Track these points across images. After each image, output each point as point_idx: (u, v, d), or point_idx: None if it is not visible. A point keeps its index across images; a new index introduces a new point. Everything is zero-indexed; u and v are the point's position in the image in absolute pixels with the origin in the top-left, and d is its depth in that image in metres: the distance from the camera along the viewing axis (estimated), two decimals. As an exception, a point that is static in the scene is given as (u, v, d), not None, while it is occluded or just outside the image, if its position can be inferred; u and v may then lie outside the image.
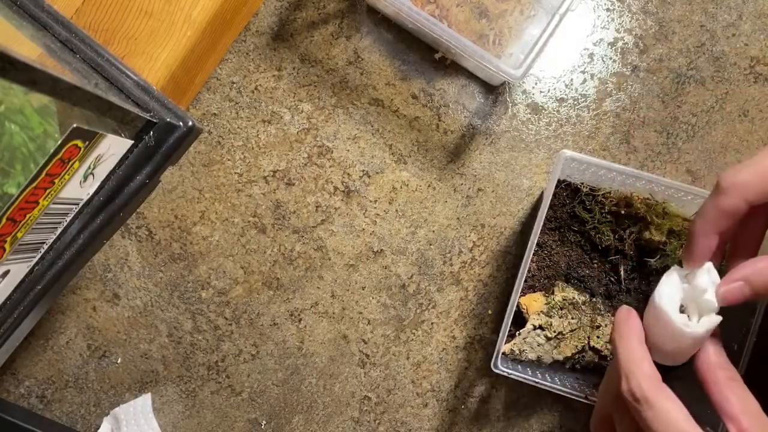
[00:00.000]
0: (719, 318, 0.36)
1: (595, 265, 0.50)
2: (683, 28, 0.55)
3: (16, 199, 0.29)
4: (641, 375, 0.34)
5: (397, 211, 0.53)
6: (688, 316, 0.37)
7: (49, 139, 0.31)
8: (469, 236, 0.53)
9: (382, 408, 0.53)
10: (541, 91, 0.54)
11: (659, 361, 0.38)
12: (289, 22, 0.54)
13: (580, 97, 0.54)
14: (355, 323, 0.53)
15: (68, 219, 0.34)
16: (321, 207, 0.53)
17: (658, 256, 0.49)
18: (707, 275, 0.37)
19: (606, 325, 0.49)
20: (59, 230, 0.34)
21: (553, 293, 0.49)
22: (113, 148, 0.33)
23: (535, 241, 0.45)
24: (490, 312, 0.53)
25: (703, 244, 0.37)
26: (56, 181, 0.31)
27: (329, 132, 0.54)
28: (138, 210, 0.53)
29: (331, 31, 0.54)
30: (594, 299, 0.49)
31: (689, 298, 0.37)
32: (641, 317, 0.38)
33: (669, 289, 0.37)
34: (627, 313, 0.38)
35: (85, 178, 0.33)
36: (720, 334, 0.37)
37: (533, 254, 0.49)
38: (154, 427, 0.52)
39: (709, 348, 0.36)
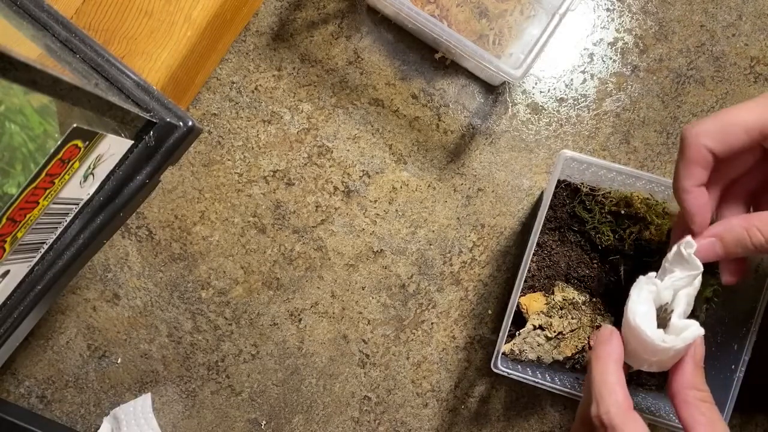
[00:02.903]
0: (701, 331, 0.36)
1: (595, 265, 0.50)
2: (683, 28, 0.55)
3: (16, 199, 0.29)
4: (611, 401, 0.34)
5: (397, 211, 0.53)
6: (669, 317, 0.37)
7: (49, 139, 0.31)
8: (469, 236, 0.53)
9: (382, 408, 0.53)
10: (541, 91, 0.54)
11: (645, 369, 0.38)
12: (289, 22, 0.54)
13: (580, 97, 0.54)
14: (355, 323, 0.53)
15: (68, 219, 0.34)
16: (321, 207, 0.53)
17: (657, 256, 0.49)
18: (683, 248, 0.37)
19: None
20: (59, 230, 0.34)
21: (553, 293, 0.49)
22: (113, 148, 0.33)
23: (535, 241, 0.45)
24: (490, 312, 0.53)
25: (692, 201, 0.37)
26: (56, 181, 0.31)
27: (329, 132, 0.54)
28: (138, 210, 0.53)
29: (331, 31, 0.54)
30: (594, 299, 0.49)
31: (670, 294, 0.37)
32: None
33: (641, 307, 0.37)
34: (609, 334, 0.37)
35: (85, 178, 0.33)
36: (703, 350, 0.37)
37: (533, 254, 0.49)
38: (154, 427, 0.52)
39: (687, 366, 0.36)
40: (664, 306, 0.38)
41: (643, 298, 0.37)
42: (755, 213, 0.36)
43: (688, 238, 0.37)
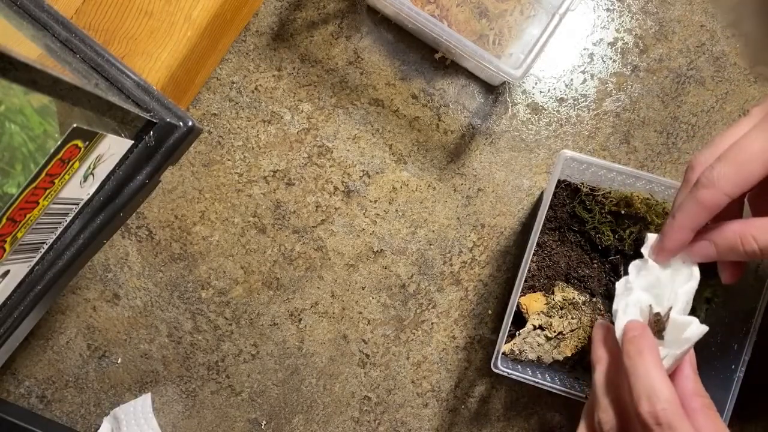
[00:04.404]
0: (702, 328, 0.36)
1: (595, 265, 0.50)
2: (683, 28, 0.55)
3: (16, 199, 0.29)
4: (669, 398, 0.32)
5: (397, 211, 0.53)
6: (667, 316, 0.37)
7: (49, 139, 0.31)
8: (469, 236, 0.53)
9: (382, 408, 0.53)
10: (541, 91, 0.54)
11: None
12: (289, 22, 0.54)
13: (580, 97, 0.54)
14: (355, 323, 0.53)
15: (68, 219, 0.34)
16: (321, 207, 0.53)
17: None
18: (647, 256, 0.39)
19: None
20: (59, 230, 0.34)
21: (553, 293, 0.49)
22: (113, 148, 0.33)
23: (535, 241, 0.45)
24: (490, 312, 0.53)
25: (678, 239, 0.37)
26: (56, 181, 0.31)
27: (329, 132, 0.54)
28: (138, 210, 0.53)
29: (331, 31, 0.54)
30: (594, 299, 0.49)
31: (636, 294, 0.38)
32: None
33: (628, 320, 0.37)
34: (641, 328, 0.36)
35: (85, 178, 0.33)
36: (695, 359, 0.37)
37: (533, 254, 0.49)
38: (154, 427, 0.52)
39: (689, 372, 0.36)
40: (649, 310, 0.38)
41: (630, 312, 0.37)
42: (752, 219, 0.36)
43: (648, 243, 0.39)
